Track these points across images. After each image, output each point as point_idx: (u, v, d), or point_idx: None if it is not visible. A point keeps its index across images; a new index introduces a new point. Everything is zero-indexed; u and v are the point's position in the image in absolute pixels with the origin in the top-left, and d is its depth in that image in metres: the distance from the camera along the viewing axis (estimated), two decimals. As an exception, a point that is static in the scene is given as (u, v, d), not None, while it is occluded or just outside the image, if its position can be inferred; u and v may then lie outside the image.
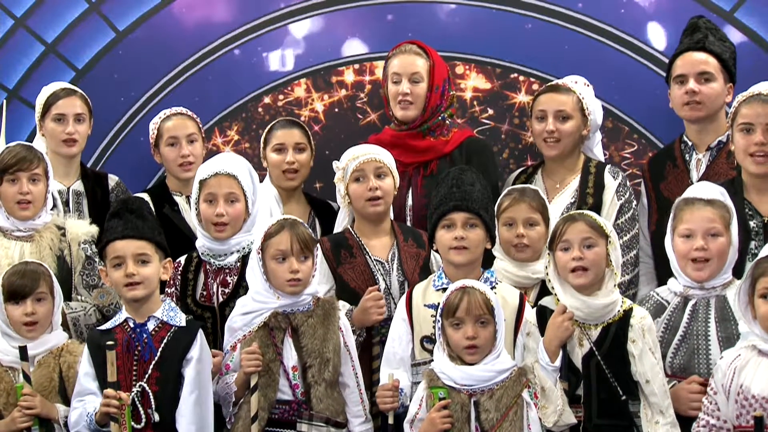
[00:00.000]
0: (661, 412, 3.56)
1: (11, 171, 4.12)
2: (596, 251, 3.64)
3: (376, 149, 4.20)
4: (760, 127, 3.95)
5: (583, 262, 3.63)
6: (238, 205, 4.04)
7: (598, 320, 3.65)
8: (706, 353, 3.67)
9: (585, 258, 3.63)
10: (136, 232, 3.73)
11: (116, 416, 3.54)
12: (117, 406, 3.54)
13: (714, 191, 3.79)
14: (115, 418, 3.54)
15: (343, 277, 4.07)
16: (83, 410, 3.63)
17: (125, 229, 3.73)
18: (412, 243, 4.16)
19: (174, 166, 4.60)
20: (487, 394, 3.52)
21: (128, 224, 3.74)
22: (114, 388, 3.55)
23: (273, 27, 5.11)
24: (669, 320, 3.76)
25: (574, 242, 3.64)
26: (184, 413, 3.63)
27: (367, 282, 4.05)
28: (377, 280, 4.07)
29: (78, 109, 4.60)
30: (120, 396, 3.54)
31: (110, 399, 3.54)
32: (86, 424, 3.62)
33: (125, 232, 3.72)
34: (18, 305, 3.77)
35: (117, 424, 3.54)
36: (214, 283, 4.04)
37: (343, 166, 4.17)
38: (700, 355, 3.68)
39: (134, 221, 3.75)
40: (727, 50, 4.41)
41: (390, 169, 4.16)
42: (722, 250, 3.69)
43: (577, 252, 3.63)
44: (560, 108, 4.35)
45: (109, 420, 3.55)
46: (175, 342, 3.69)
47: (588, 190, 4.32)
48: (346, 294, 4.02)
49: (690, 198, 3.79)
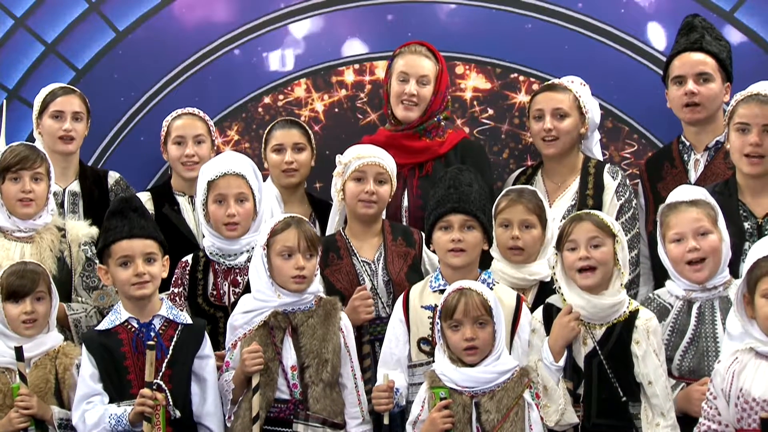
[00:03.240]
0: (662, 414, 3.56)
1: (14, 169, 4.12)
2: (603, 251, 3.65)
3: (382, 154, 4.19)
4: (756, 127, 3.94)
5: (590, 262, 3.63)
6: (247, 205, 4.07)
7: (603, 320, 3.65)
8: (716, 355, 3.65)
9: (592, 257, 3.63)
10: (143, 232, 3.76)
11: (150, 416, 3.55)
12: (152, 406, 3.55)
13: (696, 192, 3.80)
14: (149, 417, 3.55)
15: (330, 279, 4.07)
16: (105, 411, 3.62)
17: (132, 228, 3.74)
18: (402, 242, 4.15)
19: (178, 164, 4.62)
20: (488, 395, 3.52)
21: (134, 223, 3.75)
22: (150, 388, 3.56)
23: (273, 27, 5.11)
24: (675, 323, 3.75)
25: (581, 242, 3.65)
26: (210, 410, 3.70)
27: (352, 283, 4.06)
28: (363, 280, 4.07)
29: (76, 108, 4.60)
30: (156, 396, 3.56)
31: (146, 399, 3.55)
32: (111, 425, 3.60)
33: (133, 231, 3.74)
34: (17, 304, 3.78)
35: (150, 424, 3.56)
36: (225, 283, 4.06)
37: (346, 161, 4.17)
38: (710, 357, 3.67)
39: (138, 220, 3.77)
40: (724, 49, 4.41)
41: (390, 177, 4.16)
42: (715, 247, 3.69)
43: (584, 252, 3.63)
44: (557, 106, 4.36)
45: (143, 419, 3.56)
46: (185, 339, 3.73)
47: (588, 191, 4.32)
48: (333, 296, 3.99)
49: (673, 203, 3.79)
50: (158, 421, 3.56)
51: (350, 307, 3.95)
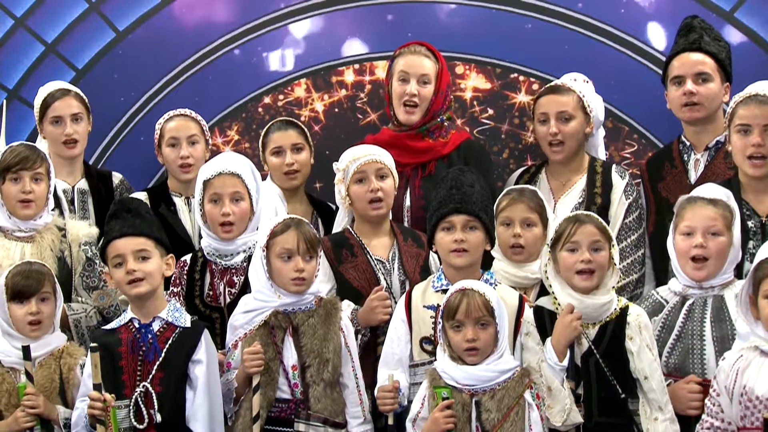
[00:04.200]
0: (659, 408, 3.57)
1: (14, 170, 4.12)
2: (603, 254, 3.66)
3: (375, 149, 4.19)
4: (757, 128, 3.94)
5: (592, 265, 3.63)
6: (243, 204, 4.05)
7: (595, 319, 3.66)
8: (701, 353, 3.68)
9: (593, 261, 3.64)
10: (133, 229, 3.74)
11: (102, 418, 3.54)
12: (102, 408, 3.54)
13: (719, 192, 3.80)
14: (101, 420, 3.54)
15: (345, 276, 4.06)
16: (82, 411, 3.64)
17: (122, 227, 3.74)
18: (412, 243, 4.16)
19: (174, 166, 4.59)
20: (488, 394, 3.52)
21: (126, 222, 3.75)
22: (98, 390, 3.55)
23: (273, 27, 5.11)
24: (666, 319, 3.76)
25: (583, 244, 3.65)
26: (197, 414, 3.65)
27: (369, 281, 4.06)
28: (379, 279, 4.08)
29: (74, 109, 4.60)
30: (105, 398, 3.54)
31: (95, 401, 3.55)
32: (85, 424, 3.63)
33: (123, 230, 3.74)
34: (22, 305, 3.78)
35: (103, 426, 3.55)
36: (221, 283, 4.05)
37: (344, 167, 4.17)
38: (694, 355, 3.69)
39: (131, 219, 3.77)
40: (723, 50, 4.40)
41: (390, 170, 4.16)
42: (721, 249, 3.70)
43: (587, 255, 3.64)
44: (562, 109, 4.34)
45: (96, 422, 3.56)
46: (179, 343, 3.70)
47: (596, 189, 4.32)
48: (349, 293, 4.02)
49: (693, 197, 3.79)
50: (110, 422, 3.54)
51: (368, 308, 3.93)
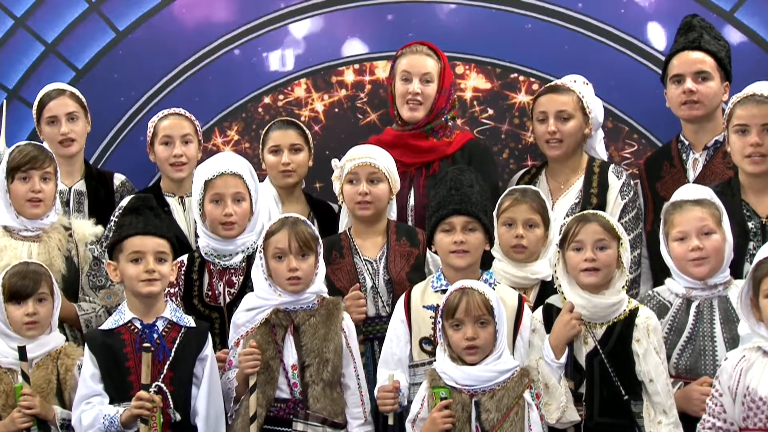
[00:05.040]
0: (664, 412, 3.57)
1: (23, 169, 4.12)
2: (609, 253, 3.66)
3: (374, 152, 4.18)
4: (756, 128, 3.94)
5: (595, 264, 3.64)
6: (244, 204, 4.07)
7: (603, 319, 3.66)
8: (713, 354, 3.68)
9: (598, 259, 3.64)
10: (157, 230, 3.76)
11: (147, 418, 3.54)
12: (149, 408, 3.54)
13: (701, 191, 3.81)
14: (146, 420, 3.55)
15: (331, 278, 4.06)
16: (99, 412, 3.61)
17: (147, 225, 3.74)
18: (405, 242, 4.15)
19: (166, 165, 4.57)
20: (488, 395, 3.53)
21: (149, 221, 3.76)
22: (146, 390, 3.56)
23: (273, 27, 5.11)
24: (673, 321, 3.76)
25: (587, 243, 3.65)
26: (200, 412, 3.67)
27: (351, 282, 4.07)
28: (364, 279, 4.08)
29: (69, 108, 4.60)
30: (153, 398, 3.55)
31: (144, 401, 3.55)
32: (105, 425, 3.59)
33: (147, 228, 3.74)
34: (19, 305, 3.77)
35: (147, 426, 3.55)
36: (220, 283, 4.06)
37: (341, 165, 4.18)
38: (706, 357, 3.69)
39: (153, 219, 3.78)
40: (723, 49, 4.41)
41: (386, 174, 4.14)
42: (718, 247, 3.70)
43: (590, 253, 3.64)
44: (561, 108, 4.36)
45: (139, 422, 3.55)
46: (188, 342, 3.72)
47: (592, 190, 4.33)
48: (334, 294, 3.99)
49: (678, 201, 3.79)
50: (155, 423, 3.56)
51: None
